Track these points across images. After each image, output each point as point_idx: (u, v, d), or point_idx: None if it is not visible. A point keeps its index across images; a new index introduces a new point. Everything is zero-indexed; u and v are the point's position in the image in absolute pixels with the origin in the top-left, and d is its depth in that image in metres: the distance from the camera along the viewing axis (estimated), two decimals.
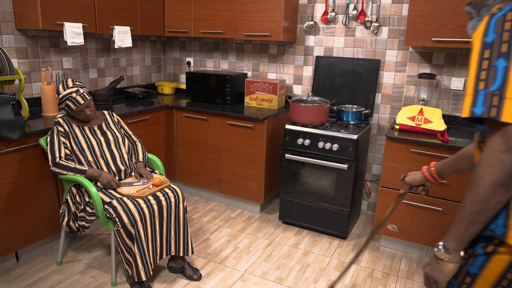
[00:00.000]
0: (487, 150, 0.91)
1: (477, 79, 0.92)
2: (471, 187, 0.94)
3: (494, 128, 0.91)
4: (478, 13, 1.09)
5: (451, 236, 1.00)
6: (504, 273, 0.96)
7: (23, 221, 2.31)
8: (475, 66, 0.93)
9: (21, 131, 2.14)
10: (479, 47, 0.93)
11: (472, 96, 0.92)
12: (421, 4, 2.50)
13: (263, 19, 3.05)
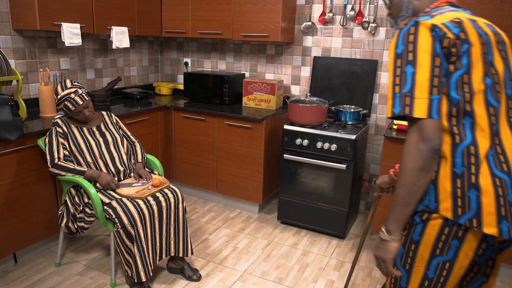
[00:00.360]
0: (407, 142, 1.08)
1: (394, 84, 1.10)
2: (399, 175, 1.11)
3: (410, 123, 1.08)
4: (396, 23, 1.33)
5: (390, 219, 1.15)
6: (439, 235, 1.12)
7: (21, 222, 2.30)
8: (392, 73, 1.11)
9: (19, 132, 2.13)
10: (392, 57, 1.12)
11: (391, 99, 1.10)
12: None
13: (261, 20, 3.06)
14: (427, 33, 1.07)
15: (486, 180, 1.06)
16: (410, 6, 1.28)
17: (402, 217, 1.13)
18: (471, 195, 1.07)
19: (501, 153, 1.09)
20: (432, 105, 1.05)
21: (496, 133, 1.09)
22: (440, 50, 1.06)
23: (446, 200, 1.09)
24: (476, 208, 1.06)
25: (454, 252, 1.11)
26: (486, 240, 1.09)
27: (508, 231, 1.05)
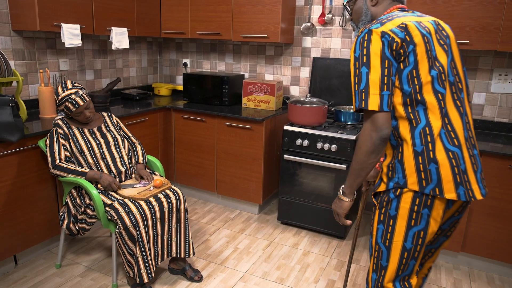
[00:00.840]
0: (363, 129, 1.31)
1: (354, 83, 1.31)
2: (355, 153, 1.35)
3: (366, 115, 1.30)
4: (357, 26, 1.54)
5: (346, 184, 1.43)
6: (412, 206, 1.31)
7: (21, 224, 2.29)
8: (352, 74, 1.32)
9: (20, 133, 2.13)
10: (352, 60, 1.33)
11: (354, 95, 1.31)
12: (418, 6, 2.53)
13: (261, 21, 3.06)
14: (378, 39, 1.27)
15: (442, 155, 1.27)
16: (368, 12, 1.49)
17: (354, 185, 1.40)
18: (432, 168, 1.28)
19: (451, 130, 1.30)
20: (383, 100, 1.26)
21: (445, 114, 1.30)
22: (389, 53, 1.27)
23: (412, 175, 1.29)
24: (436, 179, 1.27)
25: (425, 221, 1.31)
26: (448, 206, 1.31)
27: (464, 194, 1.27)
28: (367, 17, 1.50)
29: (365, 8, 1.50)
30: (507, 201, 2.32)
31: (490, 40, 2.40)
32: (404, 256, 1.36)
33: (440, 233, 1.48)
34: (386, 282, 1.41)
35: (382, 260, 1.40)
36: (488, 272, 2.54)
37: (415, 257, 1.37)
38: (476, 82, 2.77)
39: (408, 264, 1.38)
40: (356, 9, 1.53)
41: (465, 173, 1.28)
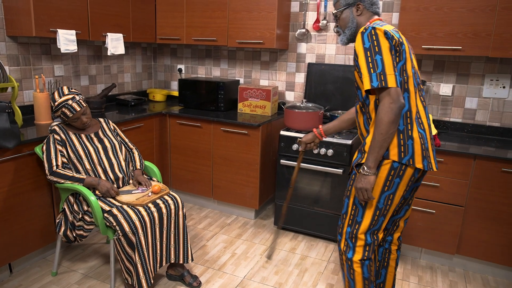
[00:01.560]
0: (382, 104, 1.54)
1: (368, 67, 1.56)
2: (377, 127, 1.56)
3: (383, 92, 1.54)
4: (344, 32, 1.81)
5: (370, 159, 1.60)
6: (387, 176, 1.64)
7: (16, 231, 2.26)
8: (365, 62, 1.58)
9: (16, 140, 2.11)
10: (363, 51, 1.59)
11: (368, 76, 1.56)
12: (411, 14, 2.58)
13: (256, 27, 3.09)
14: (382, 34, 1.57)
15: (416, 134, 1.61)
16: (354, 21, 1.77)
17: (378, 157, 1.59)
18: (409, 144, 1.60)
19: (420, 117, 1.65)
20: (396, 79, 1.54)
21: (417, 104, 1.64)
22: (392, 46, 1.57)
23: (394, 148, 1.61)
24: (411, 152, 1.60)
25: (395, 187, 1.65)
26: (414, 174, 1.64)
27: (427, 165, 1.64)
28: (353, 25, 1.77)
29: (351, 17, 1.77)
30: (501, 203, 2.36)
31: (482, 46, 2.46)
32: (376, 214, 1.70)
33: (403, 202, 1.84)
34: (359, 233, 1.74)
35: (358, 216, 1.73)
36: (483, 274, 2.57)
37: (384, 214, 1.71)
38: (468, 87, 2.83)
39: (378, 220, 1.72)
40: (344, 18, 1.80)
41: (427, 150, 1.65)
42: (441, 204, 2.50)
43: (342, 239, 1.80)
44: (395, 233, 1.92)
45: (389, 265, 1.96)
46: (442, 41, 2.55)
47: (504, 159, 2.29)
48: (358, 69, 1.65)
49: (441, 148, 2.42)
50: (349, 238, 1.77)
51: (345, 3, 1.78)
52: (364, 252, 1.75)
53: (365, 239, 1.73)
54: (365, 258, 1.75)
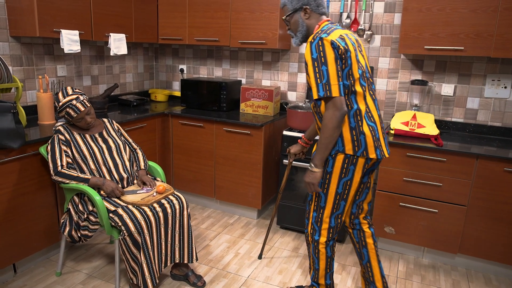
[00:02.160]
0: (326, 113, 1.74)
1: (316, 78, 1.72)
2: (322, 131, 1.76)
3: (328, 101, 1.72)
4: (296, 35, 1.94)
5: (317, 157, 1.82)
6: (342, 165, 1.84)
7: (21, 232, 2.26)
8: (312, 72, 1.73)
9: (21, 140, 2.11)
10: (311, 61, 1.74)
11: (315, 87, 1.73)
12: (413, 14, 2.60)
13: (259, 27, 3.10)
14: (329, 45, 1.71)
15: (366, 128, 1.81)
16: (304, 24, 1.90)
17: (323, 156, 1.81)
18: (361, 138, 1.81)
19: (369, 111, 1.83)
20: (340, 88, 1.71)
21: (366, 101, 1.83)
22: (338, 55, 1.72)
23: (348, 144, 1.81)
24: (364, 145, 1.81)
25: (351, 173, 1.86)
26: (367, 162, 1.84)
27: (380, 154, 1.84)
28: (303, 28, 1.91)
29: (301, 21, 1.90)
30: (503, 203, 2.38)
31: (484, 47, 2.48)
32: (337, 198, 1.91)
33: (363, 186, 2.03)
34: (324, 217, 1.95)
35: (321, 202, 1.94)
36: (485, 273, 2.59)
37: (345, 199, 1.92)
38: (470, 87, 2.84)
39: (339, 204, 1.92)
40: (293, 22, 1.92)
41: (378, 140, 1.85)
42: (444, 203, 2.51)
43: (309, 223, 2.02)
44: (361, 216, 2.13)
45: (367, 243, 2.13)
46: (445, 42, 2.56)
47: (506, 159, 2.31)
48: (308, 77, 1.79)
49: (443, 148, 2.43)
50: (315, 222, 1.99)
51: (292, 8, 1.90)
52: (328, 235, 1.98)
53: (329, 222, 1.96)
54: (329, 240, 1.99)
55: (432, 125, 2.68)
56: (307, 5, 1.88)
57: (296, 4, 1.89)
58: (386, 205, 2.67)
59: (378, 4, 2.98)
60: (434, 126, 2.67)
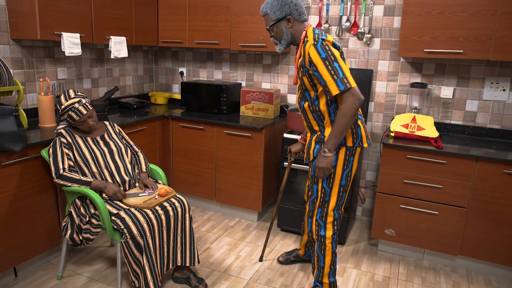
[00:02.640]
0: (345, 103, 1.83)
1: (331, 75, 1.83)
2: (341, 118, 1.85)
3: (346, 92, 1.83)
4: (280, 43, 2.03)
5: (331, 143, 1.91)
6: (345, 157, 2.00)
7: (22, 235, 2.25)
8: (326, 70, 1.83)
9: (23, 143, 2.10)
10: (321, 61, 1.84)
11: (334, 83, 1.82)
12: (413, 17, 2.62)
13: (259, 30, 3.11)
14: (331, 45, 1.88)
15: (359, 121, 2.02)
16: (288, 33, 1.98)
17: (337, 142, 1.91)
18: (358, 130, 2.00)
19: None
20: (354, 79, 1.78)
21: None
22: (340, 53, 1.91)
23: (349, 137, 1.99)
24: (360, 136, 2.01)
25: (351, 164, 2.03)
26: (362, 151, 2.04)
27: (369, 143, 2.06)
28: (288, 36, 1.99)
29: (285, 30, 1.98)
30: (503, 205, 2.40)
31: (483, 50, 2.50)
32: (341, 190, 2.05)
33: None
34: (329, 211, 2.07)
35: (326, 197, 2.06)
36: (485, 275, 2.60)
37: (346, 190, 2.07)
38: (469, 90, 2.87)
39: (342, 196, 2.07)
40: (277, 31, 2.00)
41: (366, 131, 2.06)
42: (444, 205, 2.53)
43: (313, 221, 2.12)
44: None
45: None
46: (444, 45, 2.58)
47: (506, 161, 2.33)
48: (319, 77, 1.86)
49: (444, 150, 2.45)
50: (320, 218, 2.09)
51: (275, 18, 1.96)
52: (333, 228, 2.10)
53: (334, 215, 2.08)
54: (334, 233, 2.10)
55: (432, 128, 2.69)
56: (290, 15, 1.96)
57: (279, 14, 1.95)
58: (386, 207, 2.68)
59: (377, 8, 3.00)
60: (434, 128, 2.69)
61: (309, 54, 1.87)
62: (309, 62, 1.88)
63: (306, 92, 2.02)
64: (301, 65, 1.95)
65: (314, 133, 2.11)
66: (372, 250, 2.88)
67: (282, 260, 2.62)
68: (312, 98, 2.00)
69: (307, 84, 1.98)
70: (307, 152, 2.13)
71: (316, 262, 2.15)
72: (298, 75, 2.03)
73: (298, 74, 2.01)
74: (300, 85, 2.05)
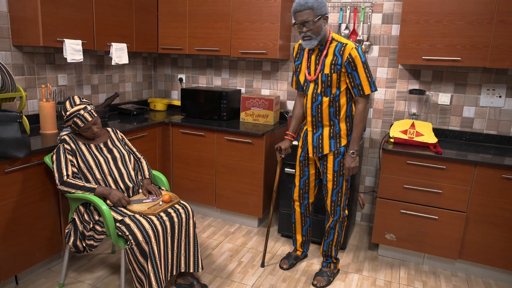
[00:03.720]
0: (364, 104, 2.23)
1: (367, 77, 2.18)
2: (360, 123, 2.24)
3: (365, 96, 2.23)
4: (316, 38, 2.16)
5: (355, 146, 2.26)
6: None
7: (24, 242, 2.23)
8: (364, 72, 2.17)
9: (27, 150, 2.10)
10: (361, 64, 2.16)
11: (369, 84, 2.19)
12: (411, 26, 2.67)
13: (259, 37, 3.14)
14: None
15: None
16: (323, 29, 2.17)
17: (359, 144, 2.29)
18: None
19: None
20: None
21: None
22: None
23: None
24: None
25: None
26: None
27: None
28: (323, 32, 2.17)
29: (322, 27, 2.16)
30: (502, 209, 2.44)
31: (480, 57, 2.56)
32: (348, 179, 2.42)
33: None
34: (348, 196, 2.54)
35: (348, 185, 2.41)
36: (484, 278, 2.64)
37: None
38: (466, 96, 2.92)
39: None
40: (317, 26, 2.14)
41: None
42: (444, 210, 2.57)
43: (341, 208, 2.41)
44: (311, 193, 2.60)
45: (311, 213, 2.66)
46: (442, 52, 2.64)
47: (504, 166, 2.37)
48: (356, 77, 2.17)
49: (443, 155, 2.49)
50: (346, 204, 2.41)
51: (320, 13, 2.12)
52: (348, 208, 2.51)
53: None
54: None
55: (431, 134, 2.74)
56: (327, 14, 2.18)
57: (323, 11, 2.14)
58: (387, 213, 2.71)
59: (376, 16, 3.05)
60: (432, 134, 2.73)
61: (351, 55, 2.13)
62: (347, 61, 2.14)
63: (329, 88, 2.23)
64: (335, 63, 2.17)
65: (320, 128, 2.33)
66: (372, 255, 2.90)
67: (287, 267, 2.62)
68: (333, 94, 2.23)
69: (335, 80, 2.20)
70: (317, 146, 2.35)
71: (336, 239, 2.49)
72: (322, 72, 2.22)
73: (323, 70, 2.21)
74: (324, 81, 2.23)
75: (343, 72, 2.18)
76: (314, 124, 2.33)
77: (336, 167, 2.33)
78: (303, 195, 2.55)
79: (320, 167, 2.42)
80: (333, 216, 2.43)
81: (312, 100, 2.30)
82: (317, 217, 2.91)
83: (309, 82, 2.31)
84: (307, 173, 2.49)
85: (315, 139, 2.35)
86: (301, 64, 2.35)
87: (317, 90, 2.27)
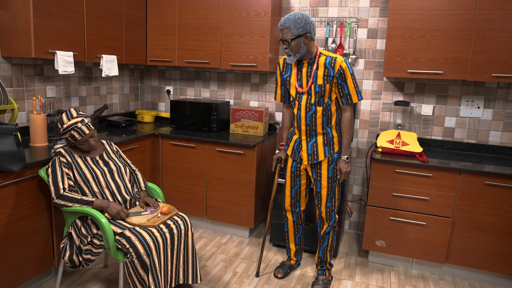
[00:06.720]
0: (350, 115, 2.39)
1: (355, 87, 2.33)
2: (349, 131, 2.39)
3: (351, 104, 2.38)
4: (295, 55, 2.28)
5: (346, 152, 2.41)
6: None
7: (15, 259, 2.17)
8: (352, 82, 2.31)
9: (22, 163, 2.06)
10: (350, 75, 2.30)
11: (356, 93, 2.34)
12: (397, 40, 2.81)
13: (249, 50, 3.21)
14: None
15: None
16: (304, 47, 2.26)
17: (349, 151, 2.42)
18: None
19: None
20: None
21: None
22: None
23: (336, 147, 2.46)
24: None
25: None
26: None
27: None
28: (303, 51, 2.27)
29: (302, 45, 2.25)
30: (485, 214, 2.58)
31: (460, 71, 2.72)
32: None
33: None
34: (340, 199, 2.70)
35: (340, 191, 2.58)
36: (470, 281, 2.76)
37: None
38: (447, 107, 3.08)
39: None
40: (295, 44, 2.24)
41: None
42: (431, 216, 2.68)
43: (335, 212, 2.50)
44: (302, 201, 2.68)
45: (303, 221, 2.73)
46: (425, 66, 2.78)
47: (486, 173, 2.51)
48: (345, 87, 2.31)
49: (429, 164, 2.61)
50: (337, 210, 2.52)
51: (297, 34, 2.21)
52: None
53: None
54: None
55: (416, 143, 2.86)
56: (309, 33, 2.24)
57: (302, 31, 2.22)
58: (377, 220, 2.80)
59: (361, 31, 3.19)
60: (418, 144, 2.86)
61: (341, 66, 2.27)
62: (338, 73, 2.27)
63: (322, 98, 2.34)
64: (328, 74, 2.29)
65: (313, 136, 2.43)
66: (363, 261, 2.97)
67: (282, 276, 2.66)
68: (325, 104, 2.35)
69: (327, 90, 2.32)
70: (311, 153, 2.45)
71: (330, 244, 2.55)
72: (315, 83, 2.33)
73: (316, 82, 2.32)
74: (317, 91, 2.34)
75: (335, 83, 2.31)
76: (308, 132, 2.42)
77: (330, 174, 2.43)
78: (295, 203, 2.61)
79: (313, 175, 2.48)
80: (329, 221, 2.49)
81: (306, 110, 2.38)
82: (308, 225, 2.97)
83: (301, 94, 2.38)
84: (298, 182, 2.55)
85: (310, 147, 2.44)
86: (290, 77, 2.42)
87: (311, 100, 2.36)
